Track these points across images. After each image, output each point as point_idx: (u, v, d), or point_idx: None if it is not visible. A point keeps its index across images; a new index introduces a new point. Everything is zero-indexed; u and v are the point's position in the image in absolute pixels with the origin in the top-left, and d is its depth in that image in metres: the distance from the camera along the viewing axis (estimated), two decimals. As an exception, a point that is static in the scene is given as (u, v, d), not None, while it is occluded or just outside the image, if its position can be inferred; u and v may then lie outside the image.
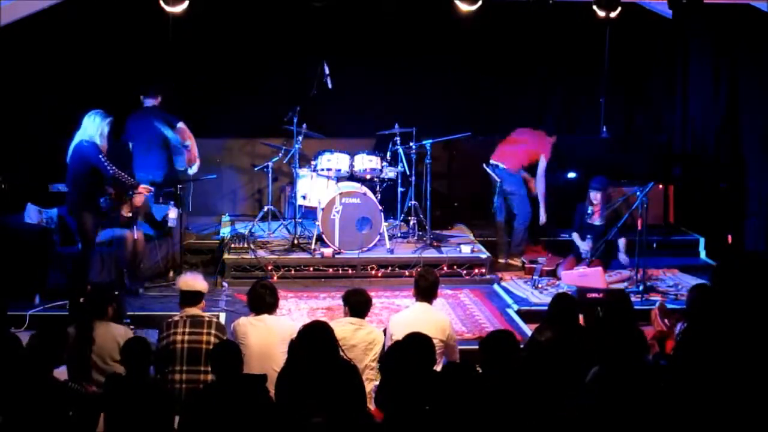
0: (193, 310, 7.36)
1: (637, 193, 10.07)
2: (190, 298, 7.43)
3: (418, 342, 6.09)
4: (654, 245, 11.01)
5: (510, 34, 12.08)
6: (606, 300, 7.56)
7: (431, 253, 10.84)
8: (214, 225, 12.01)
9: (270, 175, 11.18)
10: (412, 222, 11.27)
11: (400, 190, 11.15)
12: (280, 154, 11.27)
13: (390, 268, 10.67)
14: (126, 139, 10.60)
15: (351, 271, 10.63)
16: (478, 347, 6.26)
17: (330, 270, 10.62)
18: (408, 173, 11.07)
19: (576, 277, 10.13)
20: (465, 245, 10.99)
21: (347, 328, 7.26)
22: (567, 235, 11.10)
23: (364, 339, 7.28)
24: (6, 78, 11.23)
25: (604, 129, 12.04)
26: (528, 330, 8.96)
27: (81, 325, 7.16)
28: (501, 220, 11.24)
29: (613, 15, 10.20)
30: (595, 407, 5.80)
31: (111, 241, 9.99)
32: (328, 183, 11.05)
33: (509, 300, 10.12)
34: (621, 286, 9.97)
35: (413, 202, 11.19)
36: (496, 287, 10.56)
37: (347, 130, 12.01)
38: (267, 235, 11.18)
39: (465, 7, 9.87)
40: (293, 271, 10.56)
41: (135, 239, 9.88)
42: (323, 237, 10.71)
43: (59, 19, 11.05)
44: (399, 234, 11.28)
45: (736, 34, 11.36)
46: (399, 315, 7.77)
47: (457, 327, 9.10)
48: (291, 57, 11.88)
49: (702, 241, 11.93)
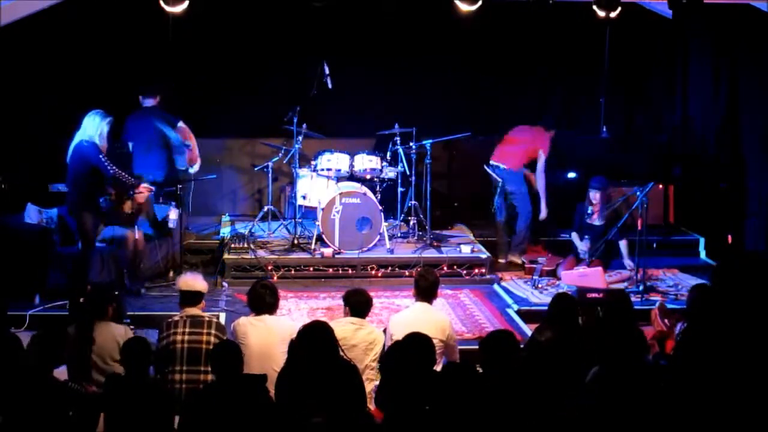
0: (193, 310, 7.37)
1: (637, 193, 10.06)
2: (190, 298, 7.43)
3: (418, 342, 6.08)
4: (654, 245, 11.02)
5: (510, 34, 12.07)
6: (606, 300, 7.56)
7: (431, 253, 10.84)
8: (214, 225, 12.00)
9: (270, 175, 11.18)
10: (412, 222, 11.27)
11: (400, 190, 11.14)
12: (280, 154, 11.26)
13: (390, 268, 10.67)
14: (126, 139, 10.60)
15: (351, 271, 10.63)
16: (478, 347, 6.26)
17: (330, 270, 10.62)
18: (408, 173, 11.06)
19: (576, 277, 10.12)
20: (465, 245, 10.99)
21: (348, 328, 7.26)
22: (567, 235, 11.09)
23: (364, 339, 7.28)
24: (6, 78, 11.22)
25: (604, 129, 12.02)
26: (528, 330, 8.96)
27: (81, 325, 7.17)
28: (501, 220, 11.24)
29: (613, 15, 10.20)
30: (595, 407, 5.80)
31: (112, 240, 9.99)
32: (328, 183, 11.05)
33: (509, 300, 10.12)
34: (621, 286, 9.97)
35: (413, 202, 11.18)
36: (496, 287, 10.56)
37: (347, 130, 12.01)
38: (267, 235, 11.18)
39: (465, 7, 9.87)
40: (293, 271, 10.56)
41: (136, 239, 9.89)
42: (323, 237, 10.71)
43: (59, 19, 11.04)
44: (399, 234, 11.28)
45: (736, 34, 11.35)
46: (399, 315, 7.77)
47: (457, 327, 9.10)
48: (291, 57, 11.88)
49: (702, 241, 11.92)
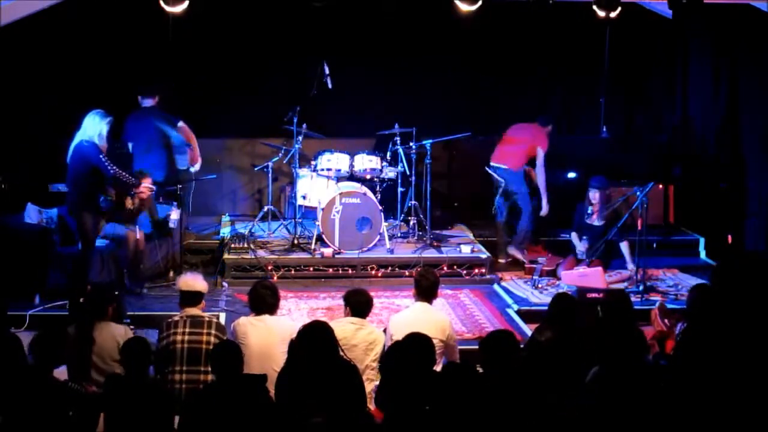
0: (193, 310, 7.36)
1: (637, 193, 10.06)
2: (190, 298, 7.43)
3: (418, 342, 6.08)
4: (654, 245, 11.02)
5: (510, 34, 12.08)
6: (606, 300, 7.55)
7: (431, 253, 10.84)
8: (214, 225, 12.00)
9: (270, 175, 11.18)
10: (412, 222, 11.27)
11: (400, 190, 11.14)
12: (280, 154, 11.26)
13: (390, 268, 10.66)
14: (126, 139, 10.60)
15: (351, 271, 10.63)
16: (478, 347, 6.25)
17: (330, 270, 10.62)
18: (408, 173, 11.06)
19: (576, 277, 10.12)
20: (465, 245, 10.99)
21: (348, 328, 7.26)
22: (567, 235, 11.08)
23: (365, 339, 7.27)
24: (6, 78, 11.23)
25: (604, 129, 12.06)
26: (528, 330, 8.96)
27: (81, 325, 7.17)
28: (501, 220, 11.24)
29: (613, 15, 10.21)
30: (595, 407, 5.80)
31: (112, 238, 9.99)
32: (328, 183, 11.05)
33: (509, 300, 10.12)
34: (621, 286, 9.97)
35: (413, 202, 11.18)
36: (496, 287, 10.56)
37: (347, 130, 12.01)
38: (267, 235, 11.18)
39: (465, 7, 9.88)
40: (293, 271, 10.56)
41: (137, 239, 9.89)
42: (323, 237, 10.71)
43: (59, 19, 11.05)
44: (399, 234, 11.28)
45: (736, 34, 11.35)
46: (399, 315, 7.77)
47: (457, 327, 9.10)
48: (291, 57, 11.88)
49: (702, 241, 11.91)
